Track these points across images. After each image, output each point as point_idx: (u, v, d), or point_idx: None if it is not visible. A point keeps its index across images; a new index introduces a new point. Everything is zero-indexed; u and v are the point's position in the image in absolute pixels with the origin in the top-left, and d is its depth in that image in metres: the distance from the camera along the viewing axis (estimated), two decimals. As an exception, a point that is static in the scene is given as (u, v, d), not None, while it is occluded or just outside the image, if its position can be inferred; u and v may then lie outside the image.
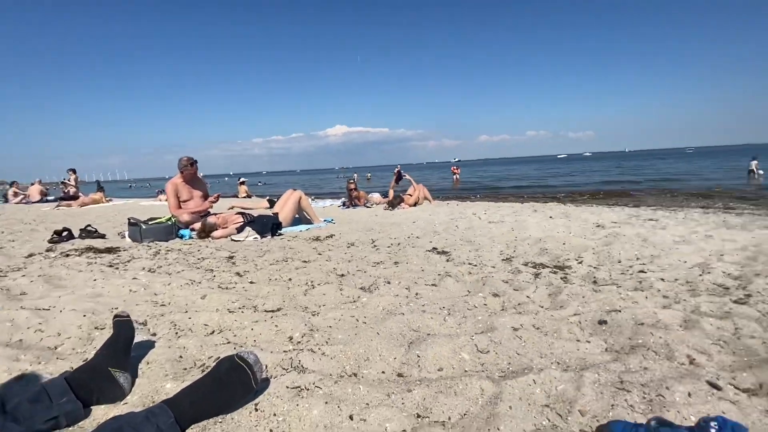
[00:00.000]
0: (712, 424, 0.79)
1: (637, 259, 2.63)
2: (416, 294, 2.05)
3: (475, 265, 2.65)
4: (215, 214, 4.37)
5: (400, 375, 1.25)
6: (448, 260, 2.85)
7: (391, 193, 7.71)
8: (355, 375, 1.25)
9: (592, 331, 1.53)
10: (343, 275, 2.48)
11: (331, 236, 4.08)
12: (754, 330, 1.47)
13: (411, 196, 7.52)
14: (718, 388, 1.07)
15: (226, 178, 76.89)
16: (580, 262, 2.63)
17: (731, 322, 1.53)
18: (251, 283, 2.33)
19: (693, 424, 0.85)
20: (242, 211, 4.63)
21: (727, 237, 3.16)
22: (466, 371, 1.25)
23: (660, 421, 0.86)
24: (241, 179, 14.42)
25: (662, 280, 2.16)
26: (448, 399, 1.07)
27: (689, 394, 1.04)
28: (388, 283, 2.26)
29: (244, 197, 12.66)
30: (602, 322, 1.57)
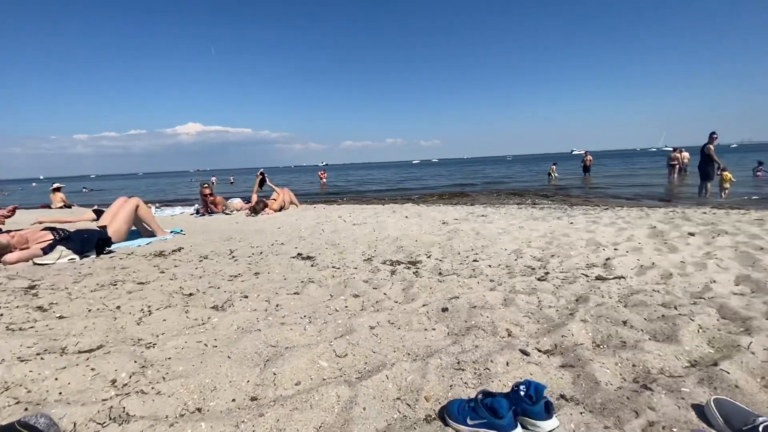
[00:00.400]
0: (521, 387, 0.96)
1: (472, 250, 3.08)
2: (277, 306, 1.95)
3: (338, 268, 2.68)
4: (9, 232, 3.33)
5: (253, 399, 1.15)
6: (312, 265, 2.81)
7: (254, 198, 7.22)
8: (199, 410, 1.09)
9: (437, 319, 1.70)
10: (191, 294, 2.18)
11: (179, 250, 3.58)
12: (550, 301, 1.88)
13: (275, 200, 7.20)
14: (527, 354, 1.31)
15: (34, 184, 59.59)
16: (429, 257, 2.93)
17: (536, 296, 1.92)
18: (60, 318, 1.84)
19: (509, 390, 1.01)
20: (53, 225, 3.66)
21: (533, 227, 3.99)
22: (324, 380, 1.24)
23: (485, 393, 1.00)
24: (56, 185, 11.42)
25: (490, 266, 2.58)
26: (303, 414, 1.03)
27: (507, 363, 1.25)
28: (246, 297, 2.09)
29: (61, 207, 10.09)
30: (445, 310, 1.77)
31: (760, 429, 0.83)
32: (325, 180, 23.90)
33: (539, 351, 1.37)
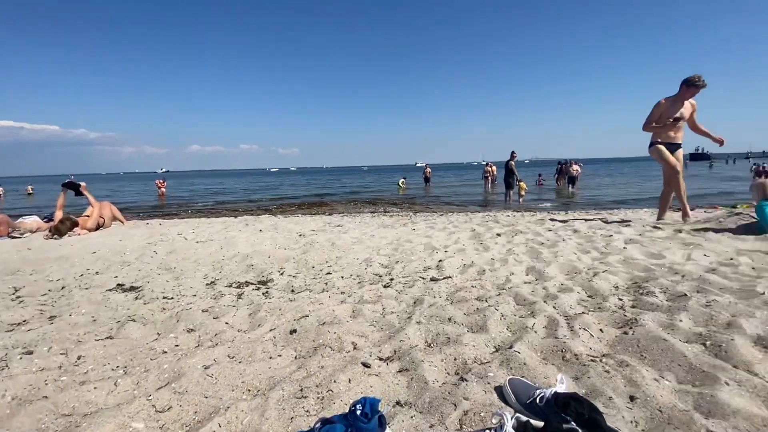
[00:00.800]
0: (357, 406, 0.98)
1: (327, 262, 3.11)
2: (78, 358, 1.55)
3: (171, 298, 2.32)
4: None
5: (26, 498, 0.87)
6: (136, 298, 2.36)
7: (59, 215, 5.65)
8: None
9: (284, 344, 1.63)
10: (-69, 362, 1.55)
11: None
12: (393, 307, 2.02)
13: (89, 217, 5.81)
14: (368, 366, 1.37)
15: None
16: (282, 273, 2.82)
17: (381, 304, 2.04)
18: None
19: (348, 411, 1.03)
20: None
21: (383, 235, 4.28)
22: (139, 445, 1.03)
23: (323, 421, 0.99)
24: None
25: (342, 277, 2.64)
26: (102, 501, 0.83)
27: (350, 380, 1.27)
28: (30, 353, 1.60)
29: None
30: (293, 332, 1.71)
31: (537, 399, 1.06)
32: (164, 190, 20.69)
33: (380, 360, 1.44)
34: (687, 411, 1.06)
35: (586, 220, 4.88)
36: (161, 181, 21.87)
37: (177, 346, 1.64)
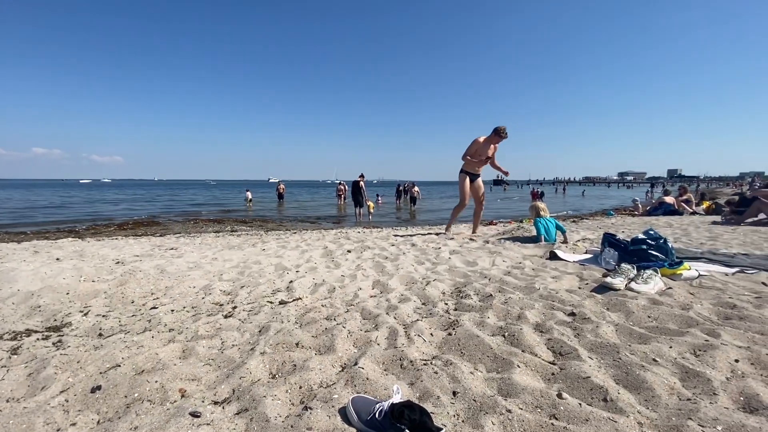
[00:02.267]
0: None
1: (152, 294, 2.63)
2: None
3: None
4: None
5: None
6: None
7: None
8: None
9: (82, 407, 1.28)
10: None
11: None
12: (234, 339, 1.83)
13: None
14: (197, 415, 1.18)
15: None
16: (86, 314, 2.25)
17: (219, 338, 1.82)
18: None
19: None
20: None
21: (227, 257, 3.90)
22: None
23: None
24: None
25: (172, 311, 2.27)
26: None
27: (172, 438, 1.08)
28: None
29: None
30: (96, 389, 1.36)
31: (376, 414, 1.10)
32: None
33: (215, 404, 1.28)
34: (493, 396, 1.27)
35: (422, 234, 5.53)
36: None
37: None
